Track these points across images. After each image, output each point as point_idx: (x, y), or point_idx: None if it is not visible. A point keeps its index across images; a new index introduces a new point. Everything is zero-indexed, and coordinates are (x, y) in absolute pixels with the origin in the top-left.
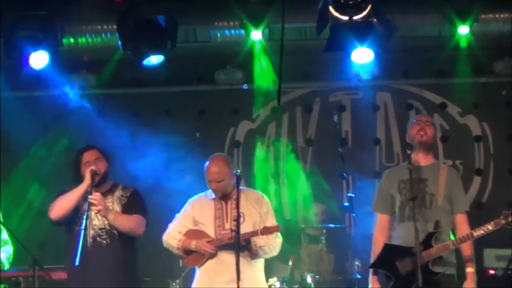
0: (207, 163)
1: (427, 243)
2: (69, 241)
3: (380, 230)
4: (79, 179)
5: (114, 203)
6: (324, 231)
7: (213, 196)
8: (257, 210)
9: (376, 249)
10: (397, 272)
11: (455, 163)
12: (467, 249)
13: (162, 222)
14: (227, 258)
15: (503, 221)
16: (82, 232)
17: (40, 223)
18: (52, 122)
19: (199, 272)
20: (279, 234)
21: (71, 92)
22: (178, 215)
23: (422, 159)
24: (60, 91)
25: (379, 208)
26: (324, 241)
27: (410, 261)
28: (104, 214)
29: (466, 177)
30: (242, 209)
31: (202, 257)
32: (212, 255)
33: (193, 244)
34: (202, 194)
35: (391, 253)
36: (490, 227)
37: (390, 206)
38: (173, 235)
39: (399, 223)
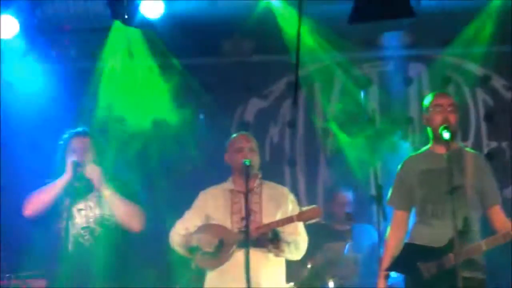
0: (232, 136)
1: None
2: (47, 242)
3: (395, 228)
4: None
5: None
6: (349, 227)
7: (231, 186)
8: (280, 209)
9: (389, 249)
10: (420, 276)
11: (501, 145)
12: None
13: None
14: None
15: None
16: (63, 232)
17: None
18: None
19: (212, 275)
20: (305, 235)
21: None
22: (187, 211)
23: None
24: None
25: (395, 203)
26: (349, 239)
27: (436, 264)
28: (99, 186)
29: None
30: (263, 205)
31: (218, 260)
32: (229, 255)
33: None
34: (216, 186)
35: (412, 254)
36: None
37: (408, 201)
38: (177, 231)
39: (421, 221)
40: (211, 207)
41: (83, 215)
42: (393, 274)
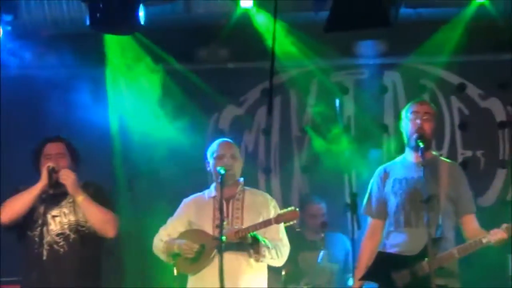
0: (214, 143)
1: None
2: (22, 249)
3: (369, 236)
4: (37, 174)
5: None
6: (323, 235)
7: (213, 194)
8: (262, 215)
9: (363, 257)
10: (393, 284)
11: (476, 153)
12: None
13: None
14: (226, 263)
15: None
16: (38, 239)
17: None
18: None
19: (193, 280)
20: (286, 241)
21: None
22: (170, 218)
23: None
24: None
25: (371, 212)
26: (323, 248)
27: (409, 272)
28: (72, 192)
29: (489, 170)
30: (244, 212)
31: (199, 265)
32: (210, 260)
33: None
34: (199, 194)
35: (386, 263)
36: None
37: (384, 209)
38: (160, 238)
39: (394, 229)
40: (194, 213)
41: (57, 222)
42: (367, 283)
